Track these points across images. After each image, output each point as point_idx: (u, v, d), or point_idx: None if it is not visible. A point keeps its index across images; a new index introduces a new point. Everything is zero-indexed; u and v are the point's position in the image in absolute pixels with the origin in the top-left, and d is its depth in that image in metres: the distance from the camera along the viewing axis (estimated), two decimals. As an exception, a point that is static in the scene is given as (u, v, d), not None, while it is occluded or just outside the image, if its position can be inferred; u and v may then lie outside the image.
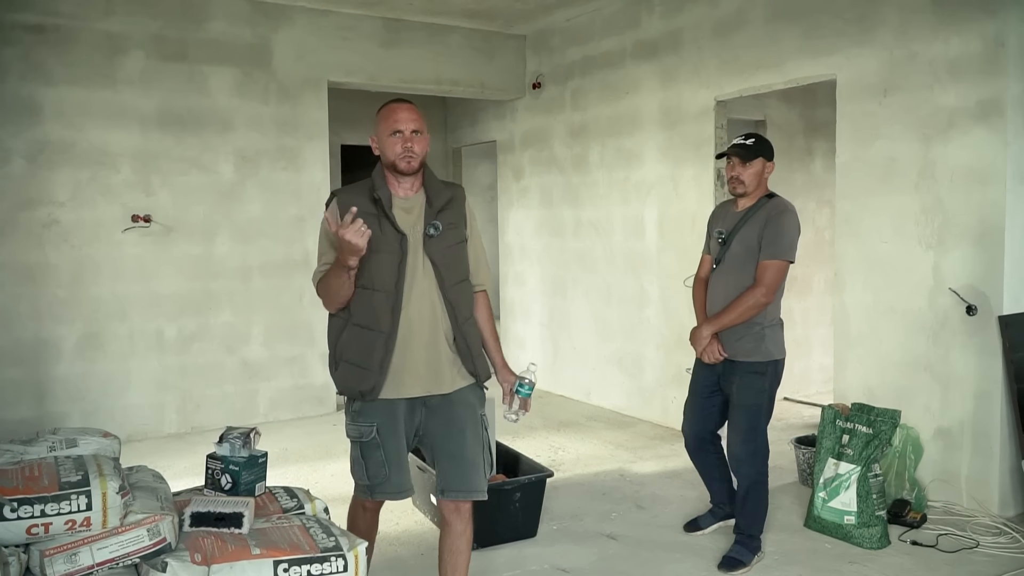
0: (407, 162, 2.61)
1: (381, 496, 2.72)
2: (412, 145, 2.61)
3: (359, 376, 2.61)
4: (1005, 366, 3.94)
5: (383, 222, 2.59)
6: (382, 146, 2.65)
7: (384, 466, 2.65)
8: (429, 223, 2.64)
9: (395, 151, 2.60)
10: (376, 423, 2.63)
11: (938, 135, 4.12)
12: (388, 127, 2.62)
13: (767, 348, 3.45)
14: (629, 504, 4.32)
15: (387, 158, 2.64)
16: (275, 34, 6.03)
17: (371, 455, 2.66)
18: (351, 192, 2.68)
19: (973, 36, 3.96)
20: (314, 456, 5.21)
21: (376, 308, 2.58)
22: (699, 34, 5.45)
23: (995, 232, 3.93)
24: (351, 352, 2.63)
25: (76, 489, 2.07)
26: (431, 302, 2.63)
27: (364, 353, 2.60)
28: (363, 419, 2.65)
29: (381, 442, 2.64)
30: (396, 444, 2.66)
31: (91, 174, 5.45)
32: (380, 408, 2.63)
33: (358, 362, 2.61)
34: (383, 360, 2.58)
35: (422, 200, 2.69)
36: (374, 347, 2.58)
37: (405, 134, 2.60)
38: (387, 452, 2.64)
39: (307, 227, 6.20)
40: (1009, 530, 3.81)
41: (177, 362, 5.80)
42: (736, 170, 3.49)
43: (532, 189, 7.25)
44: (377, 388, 2.59)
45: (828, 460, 3.91)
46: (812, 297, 6.56)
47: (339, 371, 2.69)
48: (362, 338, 2.60)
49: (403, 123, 2.61)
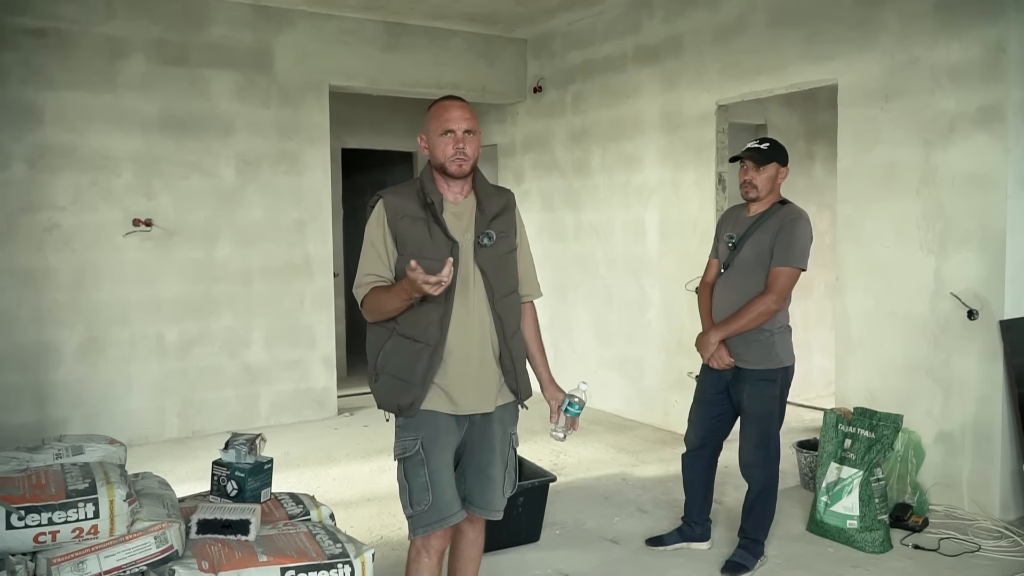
0: (458, 164, 2.44)
1: (426, 528, 2.44)
2: (464, 147, 2.44)
3: (400, 389, 2.44)
4: (1006, 370, 3.95)
5: (433, 227, 2.43)
6: (432, 146, 2.48)
7: (427, 489, 2.42)
8: (482, 232, 2.49)
9: (446, 152, 2.44)
10: (420, 436, 2.45)
11: (939, 140, 4.13)
12: (439, 126, 2.45)
13: (777, 355, 3.44)
14: (631, 508, 4.32)
15: (436, 159, 2.47)
16: (276, 38, 6.03)
17: (414, 475, 2.45)
18: (399, 194, 2.50)
19: (974, 42, 3.97)
20: (316, 461, 5.21)
21: (424, 319, 2.41)
22: (700, 39, 5.46)
23: (996, 237, 3.94)
24: (394, 364, 2.46)
25: (83, 497, 2.08)
26: (480, 314, 2.48)
27: (407, 365, 2.43)
28: (407, 432, 2.47)
29: (425, 458, 2.44)
30: (441, 461, 2.46)
31: (92, 178, 5.45)
32: (425, 420, 2.46)
33: (400, 374, 2.44)
34: (427, 373, 2.42)
35: (472, 205, 2.53)
36: (419, 359, 2.41)
37: (457, 134, 2.43)
38: (431, 470, 2.43)
39: (308, 231, 6.21)
40: (1010, 534, 3.82)
41: (178, 366, 5.80)
42: (749, 174, 3.47)
43: (533, 193, 7.26)
44: (417, 403, 2.43)
45: (831, 464, 3.92)
46: (813, 300, 6.57)
47: (379, 383, 2.50)
48: (407, 349, 2.43)
49: (455, 122, 2.44)
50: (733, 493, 4.37)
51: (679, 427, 5.21)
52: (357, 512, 4.21)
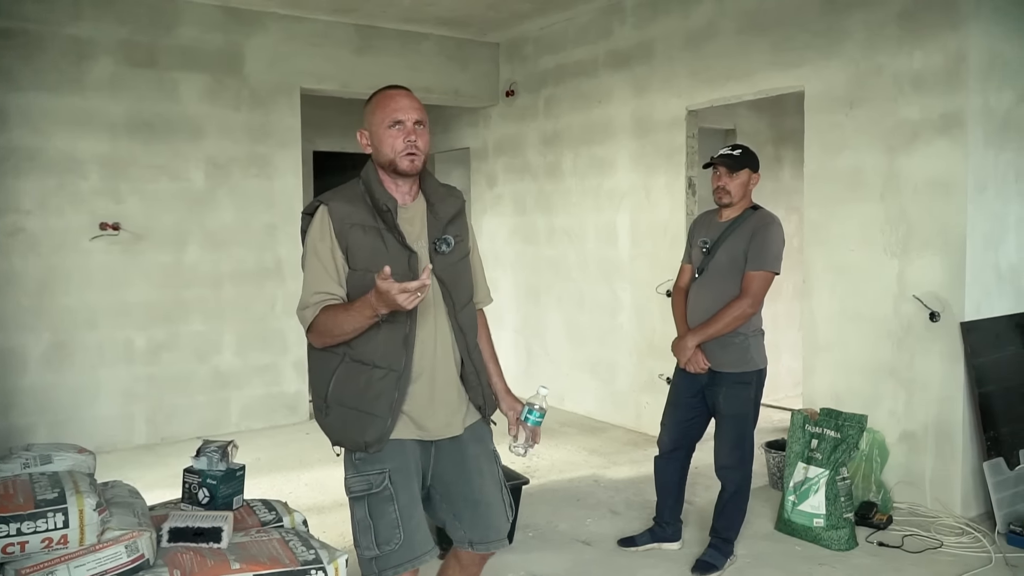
0: (411, 160, 2.16)
1: (396, 570, 2.15)
2: (416, 139, 2.16)
3: (363, 423, 2.14)
4: (967, 371, 4.04)
5: (387, 237, 2.15)
6: (377, 141, 2.19)
7: (398, 526, 2.14)
8: (438, 237, 2.23)
9: (395, 147, 2.16)
10: (388, 469, 2.16)
11: (902, 146, 4.22)
12: (385, 117, 2.16)
13: (752, 358, 3.49)
14: (604, 510, 4.36)
15: (383, 155, 2.18)
16: (247, 40, 6.00)
17: (382, 512, 2.15)
18: (344, 199, 2.19)
19: (936, 51, 4.06)
20: (287, 466, 5.19)
21: (384, 341, 2.13)
22: (671, 45, 5.52)
23: (957, 241, 4.03)
24: (351, 394, 2.15)
25: (52, 507, 2.06)
26: (441, 329, 2.23)
27: (370, 396, 2.13)
28: (371, 466, 2.16)
29: (394, 493, 2.15)
30: (410, 494, 2.19)
31: (59, 182, 5.39)
32: (392, 450, 2.17)
33: (361, 406, 2.14)
34: (395, 403, 2.14)
35: (423, 208, 2.26)
36: (383, 388, 2.13)
37: (407, 125, 2.16)
38: (400, 505, 2.15)
39: (279, 235, 6.18)
40: (971, 530, 3.91)
41: (147, 372, 5.74)
42: (722, 180, 3.52)
43: (505, 196, 7.28)
44: (385, 436, 2.14)
45: (798, 464, 3.98)
46: (781, 302, 6.65)
47: (332, 418, 2.18)
48: (366, 377, 2.13)
49: (404, 112, 2.16)
50: (704, 493, 4.42)
51: (650, 429, 5.26)
52: (329, 517, 4.21)
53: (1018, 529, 3.78)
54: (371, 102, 2.25)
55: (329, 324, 2.10)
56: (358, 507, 2.19)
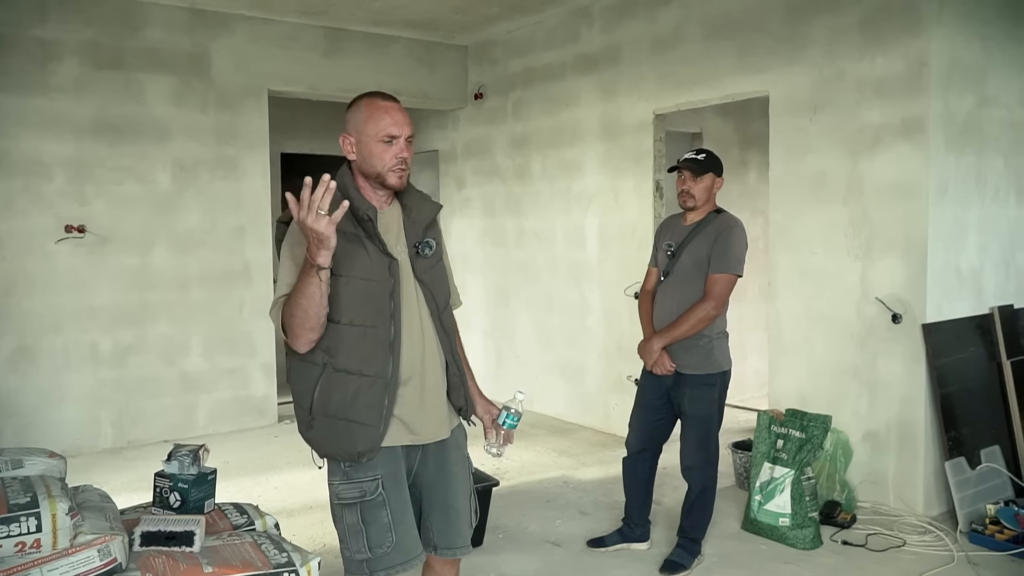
0: (398, 176, 2.16)
1: (387, 571, 2.16)
2: (407, 156, 2.15)
3: (352, 434, 2.10)
4: (928, 372, 4.13)
5: (368, 244, 2.13)
6: (365, 152, 2.15)
7: (390, 529, 2.14)
8: (420, 242, 2.23)
9: (385, 161, 2.13)
10: (380, 475, 2.15)
11: (865, 151, 4.31)
12: (378, 130, 2.12)
13: (716, 360, 3.55)
14: (573, 511, 4.40)
15: (371, 167, 2.15)
16: (214, 42, 5.96)
17: (375, 517, 2.14)
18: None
19: (897, 56, 4.16)
20: (256, 469, 5.16)
21: (370, 349, 2.11)
22: (638, 49, 5.58)
23: (918, 244, 4.12)
24: (337, 404, 2.11)
25: (25, 511, 2.05)
26: (427, 332, 2.23)
27: (359, 405, 2.10)
28: (363, 473, 2.14)
29: (387, 498, 2.15)
30: (402, 499, 2.20)
31: (23, 184, 5.31)
32: (384, 456, 2.17)
33: (350, 416, 2.10)
34: (386, 410, 2.12)
35: (398, 212, 2.26)
36: (372, 396, 2.11)
37: (401, 142, 2.14)
38: (393, 510, 2.15)
39: (247, 237, 6.14)
40: (934, 529, 4.00)
41: (113, 375, 5.68)
42: (687, 184, 3.57)
43: (474, 199, 7.30)
44: (376, 445, 2.12)
45: (764, 464, 4.05)
46: (747, 304, 6.75)
47: (319, 430, 2.14)
48: (353, 386, 2.11)
49: (399, 127, 2.13)
50: (671, 494, 4.48)
51: (619, 429, 5.30)
52: (300, 520, 4.19)
53: (979, 528, 3.87)
54: (360, 110, 2.18)
55: (289, 309, 2.04)
56: (349, 512, 2.16)
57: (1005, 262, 4.56)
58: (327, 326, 2.10)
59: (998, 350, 4.43)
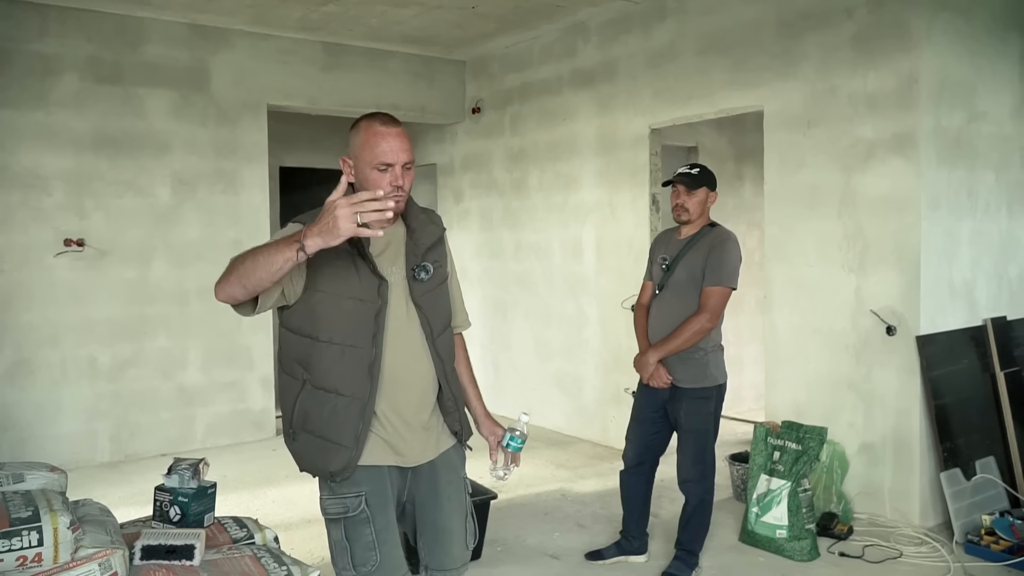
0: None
1: None
2: (403, 183, 2.10)
3: (327, 452, 2.11)
4: (923, 383, 4.16)
5: (359, 263, 2.10)
6: (362, 178, 2.11)
7: (374, 548, 2.13)
8: (417, 265, 2.20)
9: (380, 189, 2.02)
10: (364, 492, 2.14)
11: (858, 165, 4.35)
12: (373, 158, 2.08)
13: (712, 373, 3.58)
14: (571, 524, 4.41)
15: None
16: (214, 57, 6.00)
17: (359, 534, 2.13)
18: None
19: (889, 73, 4.21)
20: (254, 483, 5.17)
21: (348, 368, 2.09)
22: (634, 64, 5.63)
23: (911, 257, 4.16)
24: (314, 421, 2.12)
25: (27, 525, 2.06)
26: (418, 355, 2.19)
27: (332, 424, 2.10)
28: (347, 489, 2.14)
29: (371, 516, 2.14)
30: (387, 517, 2.18)
31: (22, 197, 5.34)
32: (368, 474, 2.16)
33: (325, 434, 2.11)
34: (360, 432, 2.11)
35: (401, 233, 2.22)
36: (346, 417, 2.10)
37: (396, 170, 2.09)
38: (377, 528, 2.14)
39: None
40: (930, 540, 4.02)
41: (111, 389, 5.68)
42: (681, 198, 3.61)
43: (472, 212, 7.34)
44: (351, 465, 2.12)
45: (760, 476, 4.07)
46: (743, 316, 6.78)
47: (299, 443, 2.17)
48: (330, 404, 2.10)
49: (394, 154, 2.07)
50: (669, 506, 4.49)
51: (617, 442, 5.32)
52: (298, 534, 4.20)
53: (975, 539, 3.89)
54: (359, 133, 2.13)
55: (242, 255, 1.95)
56: (334, 528, 2.17)
57: (997, 274, 4.61)
58: (307, 342, 2.09)
59: (991, 362, 4.46)
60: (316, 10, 5.65)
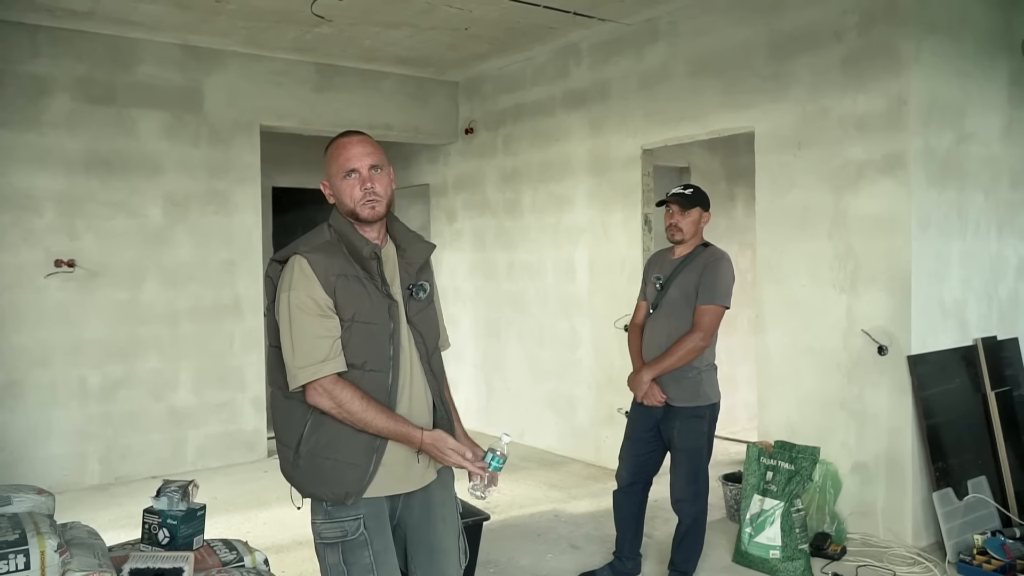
0: (371, 207, 2.14)
1: None
2: (374, 185, 2.14)
3: (341, 474, 2.10)
4: (915, 403, 4.17)
5: (368, 285, 2.13)
6: (337, 192, 2.17)
7: (372, 570, 2.12)
8: (415, 284, 2.23)
9: (354, 196, 2.14)
10: (362, 515, 2.13)
11: (848, 186, 4.38)
12: (340, 168, 2.14)
13: (705, 392, 3.58)
14: (564, 545, 4.38)
15: (345, 206, 2.16)
16: (207, 78, 6.02)
17: (357, 557, 2.12)
18: (320, 250, 2.12)
19: (878, 95, 4.24)
20: (245, 505, 5.13)
21: (368, 391, 2.11)
22: (626, 86, 5.67)
23: (902, 277, 4.18)
24: (326, 443, 2.10)
25: (14, 548, 2.04)
26: (417, 376, 2.22)
27: (353, 447, 2.10)
28: (344, 513, 2.13)
29: (368, 538, 2.13)
30: (384, 540, 2.18)
31: (13, 218, 5.33)
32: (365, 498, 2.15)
33: (339, 456, 2.10)
34: (377, 452, 2.12)
35: (393, 252, 2.26)
36: (371, 442, 2.10)
37: (362, 173, 2.14)
38: (375, 551, 2.13)
39: (238, 271, 6.16)
40: (923, 560, 4.00)
41: (101, 410, 5.65)
42: (675, 218, 3.64)
43: (465, 232, 7.35)
44: (365, 487, 2.12)
45: (754, 496, 4.06)
46: (736, 336, 6.79)
47: (305, 469, 2.12)
48: (345, 428, 2.10)
49: (357, 159, 2.14)
50: (662, 527, 4.47)
51: (610, 462, 5.30)
52: (289, 556, 4.17)
53: (967, 558, 3.89)
54: (327, 153, 2.21)
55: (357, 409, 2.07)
56: (331, 552, 2.14)
57: (987, 295, 4.63)
58: None
59: (982, 381, 4.48)
60: (309, 31, 5.68)
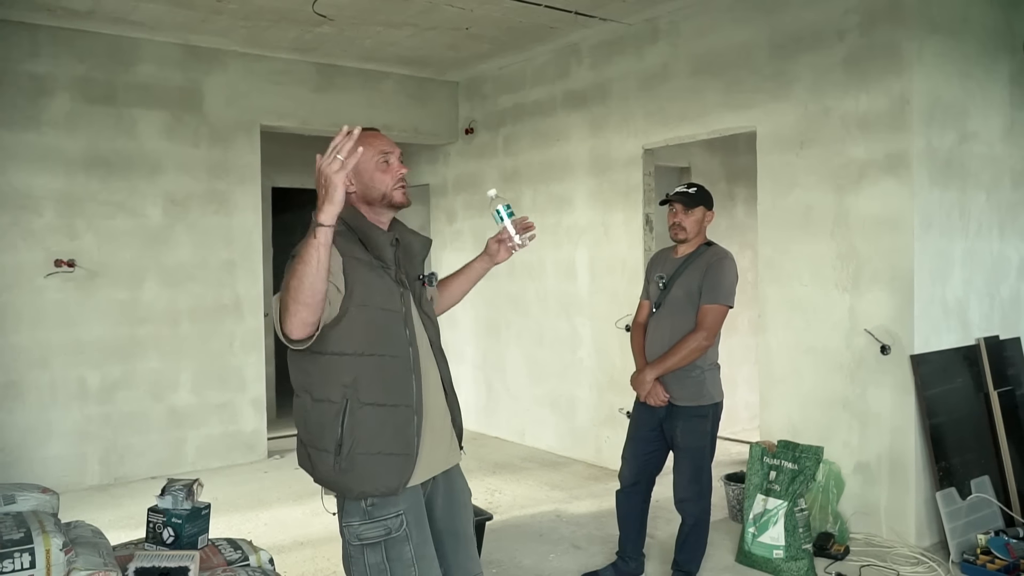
0: (403, 193, 2.20)
1: None
2: (404, 172, 2.22)
3: (392, 467, 2.08)
4: (918, 402, 4.16)
5: (380, 272, 2.14)
6: (367, 179, 2.17)
7: (412, 564, 2.10)
8: (425, 274, 2.30)
9: (386, 182, 2.17)
10: (403, 510, 2.11)
11: (850, 185, 4.38)
12: (374, 154, 2.16)
13: (708, 391, 3.57)
14: (566, 545, 4.37)
15: (375, 191, 2.17)
16: (207, 78, 6.01)
17: (399, 553, 2.09)
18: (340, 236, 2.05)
19: (880, 94, 4.24)
20: (246, 505, 5.11)
21: (395, 378, 2.10)
22: (626, 86, 5.66)
23: (905, 276, 4.18)
24: (375, 439, 2.06)
25: (19, 547, 2.03)
26: (430, 362, 2.23)
27: (392, 435, 2.08)
28: (385, 511, 2.09)
29: (410, 533, 2.11)
30: (423, 532, 2.16)
31: (12, 218, 5.31)
32: (405, 491, 2.13)
33: (386, 449, 2.07)
34: (419, 439, 2.12)
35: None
36: (403, 424, 2.10)
37: (394, 160, 2.20)
38: (415, 544, 2.11)
39: (238, 271, 6.14)
40: (926, 559, 4.00)
41: (100, 411, 5.63)
42: (678, 217, 3.63)
43: (465, 232, 7.34)
44: (412, 473, 2.12)
45: (757, 496, 4.05)
46: (737, 336, 6.78)
47: (352, 469, 2.06)
48: (383, 417, 2.07)
49: (390, 146, 2.20)
50: (665, 527, 4.46)
51: (611, 463, 5.30)
52: (291, 557, 4.15)
53: (971, 558, 3.88)
54: None
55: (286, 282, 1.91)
56: (372, 552, 2.09)
57: (989, 294, 4.63)
58: (348, 360, 2.05)
59: (985, 381, 4.48)
60: (310, 31, 5.68)
